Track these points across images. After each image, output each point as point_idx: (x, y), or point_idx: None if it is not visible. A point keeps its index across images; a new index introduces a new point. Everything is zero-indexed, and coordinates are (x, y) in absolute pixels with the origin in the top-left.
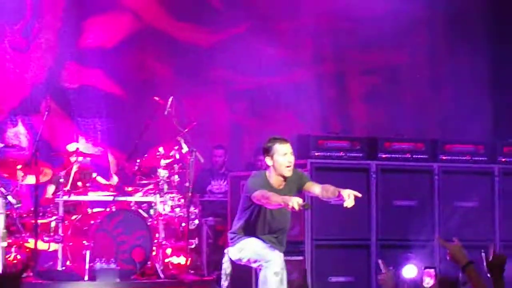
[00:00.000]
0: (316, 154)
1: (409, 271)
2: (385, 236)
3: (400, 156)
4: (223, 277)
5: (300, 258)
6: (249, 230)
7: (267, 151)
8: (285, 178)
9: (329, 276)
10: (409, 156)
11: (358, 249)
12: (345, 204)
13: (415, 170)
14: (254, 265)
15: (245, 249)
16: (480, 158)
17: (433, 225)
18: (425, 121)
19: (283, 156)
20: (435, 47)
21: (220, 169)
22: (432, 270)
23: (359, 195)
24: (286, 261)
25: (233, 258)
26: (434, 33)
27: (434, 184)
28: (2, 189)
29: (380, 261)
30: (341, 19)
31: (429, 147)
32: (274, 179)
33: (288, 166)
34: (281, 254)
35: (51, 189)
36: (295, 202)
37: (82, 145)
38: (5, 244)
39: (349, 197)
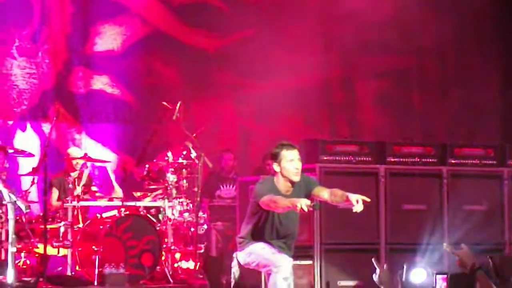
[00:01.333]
0: (325, 158)
1: (418, 275)
2: (394, 240)
3: (409, 160)
4: (232, 281)
5: (309, 262)
6: (258, 235)
7: (274, 157)
8: (292, 183)
9: (338, 280)
10: (418, 160)
11: (367, 253)
12: (354, 209)
13: (424, 174)
14: (263, 270)
15: (254, 254)
16: (490, 162)
17: (442, 228)
18: (434, 125)
19: (290, 162)
20: (444, 50)
21: (229, 173)
22: (444, 276)
23: (368, 200)
24: (296, 266)
25: (242, 263)
26: (442, 35)
27: (443, 188)
28: (11, 195)
29: (373, 259)
30: (349, 23)
31: (438, 150)
32: (282, 185)
33: (294, 173)
34: (290, 259)
35: (55, 194)
36: (303, 203)
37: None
38: (14, 249)
39: (357, 202)
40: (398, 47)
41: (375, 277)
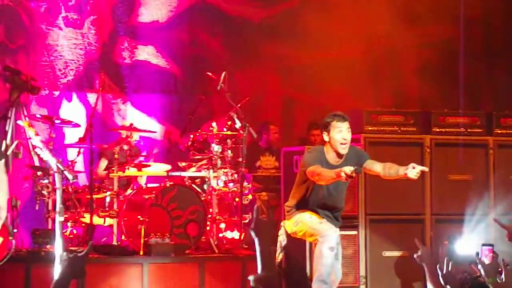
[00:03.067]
0: (370, 128)
1: (464, 246)
2: (439, 210)
3: (454, 130)
4: (278, 249)
5: (354, 232)
6: (305, 204)
7: (325, 126)
8: (340, 155)
9: (383, 251)
10: (464, 130)
11: (413, 224)
12: (409, 175)
13: (470, 144)
14: (309, 239)
15: (301, 223)
16: None
17: (488, 199)
18: (480, 95)
19: (339, 133)
20: (490, 19)
21: (274, 145)
22: (490, 247)
23: (426, 169)
24: (341, 236)
25: (289, 231)
26: (488, 6)
27: (489, 158)
28: (59, 164)
29: (416, 240)
30: None
31: (484, 120)
32: (331, 155)
33: (342, 144)
34: (337, 229)
35: (103, 164)
36: (347, 169)
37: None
38: (62, 219)
39: (414, 168)
40: (443, 17)
41: (416, 256)
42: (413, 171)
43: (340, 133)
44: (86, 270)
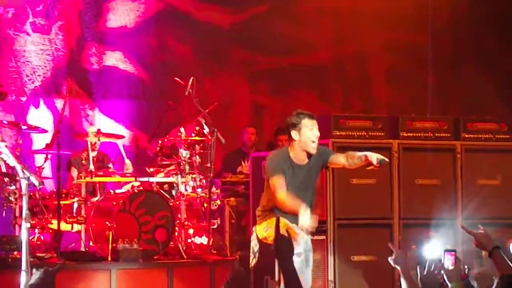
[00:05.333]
0: (338, 133)
1: (432, 250)
2: (407, 215)
3: (422, 134)
4: (252, 255)
5: (323, 237)
6: (275, 210)
7: (293, 125)
8: (309, 155)
9: (352, 255)
10: (431, 134)
11: (381, 228)
12: (369, 158)
13: (438, 148)
14: None
15: (271, 228)
16: (503, 136)
17: (456, 204)
18: (447, 100)
19: (310, 131)
20: (457, 26)
21: (251, 148)
22: (452, 252)
23: (387, 160)
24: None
25: (259, 236)
26: (456, 13)
27: (456, 163)
28: (25, 171)
29: (389, 244)
30: None
31: (452, 125)
32: (298, 154)
33: (314, 142)
34: (304, 235)
35: (75, 173)
36: (306, 224)
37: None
38: (28, 225)
39: (377, 159)
40: (411, 23)
41: (391, 259)
42: (373, 154)
43: (312, 130)
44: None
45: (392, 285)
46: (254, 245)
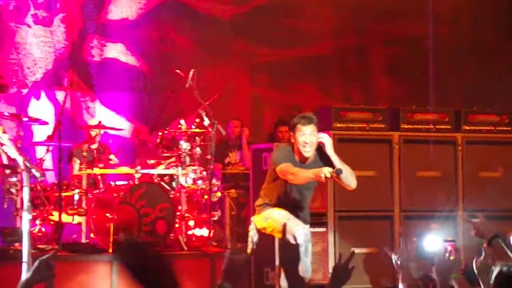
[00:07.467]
0: (338, 125)
1: (432, 242)
2: (408, 207)
3: (423, 126)
4: (250, 244)
5: (323, 229)
6: (275, 202)
7: (291, 128)
8: (304, 158)
9: (352, 247)
10: (432, 126)
11: (381, 220)
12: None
13: (438, 140)
14: (278, 236)
15: (270, 219)
16: (504, 128)
17: (457, 196)
18: (448, 92)
19: (301, 136)
20: (458, 18)
21: (236, 140)
22: (451, 243)
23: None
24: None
25: (258, 227)
26: (457, 4)
27: (457, 155)
28: (27, 162)
29: (385, 248)
30: None
31: (452, 117)
32: (298, 154)
33: (304, 146)
34: (306, 226)
35: (76, 165)
36: (327, 171)
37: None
38: (30, 217)
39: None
40: (412, 14)
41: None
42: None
43: (303, 136)
44: (55, 271)
45: (393, 277)
46: (253, 234)
